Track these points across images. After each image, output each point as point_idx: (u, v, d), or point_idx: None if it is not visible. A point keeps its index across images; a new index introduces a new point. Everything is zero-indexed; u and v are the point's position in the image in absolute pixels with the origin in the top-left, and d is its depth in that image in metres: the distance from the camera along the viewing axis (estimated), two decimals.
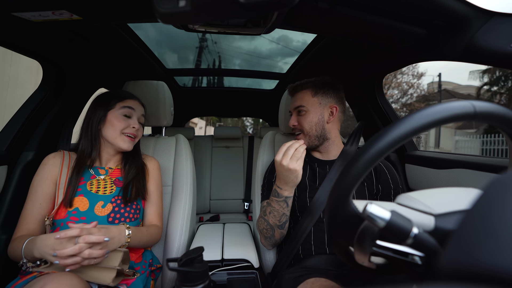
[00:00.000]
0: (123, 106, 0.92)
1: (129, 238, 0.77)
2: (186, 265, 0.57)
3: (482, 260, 0.19)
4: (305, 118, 0.97)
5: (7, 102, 4.34)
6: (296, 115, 1.00)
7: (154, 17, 0.77)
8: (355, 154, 0.36)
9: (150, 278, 0.87)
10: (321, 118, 0.97)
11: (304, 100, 0.97)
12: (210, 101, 2.48)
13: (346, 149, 1.01)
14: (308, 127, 0.97)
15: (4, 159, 0.92)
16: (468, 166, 0.90)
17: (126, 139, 0.91)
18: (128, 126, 0.91)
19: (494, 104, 0.36)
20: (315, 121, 0.97)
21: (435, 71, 32.01)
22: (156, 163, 1.03)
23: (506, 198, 0.21)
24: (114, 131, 0.89)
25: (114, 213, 0.83)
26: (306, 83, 1.00)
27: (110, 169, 0.93)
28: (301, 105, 0.97)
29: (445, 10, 0.64)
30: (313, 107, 0.97)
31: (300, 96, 0.99)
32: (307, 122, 0.97)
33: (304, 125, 0.97)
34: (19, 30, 0.80)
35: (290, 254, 0.91)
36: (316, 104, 0.97)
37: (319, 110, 0.97)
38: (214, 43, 2.18)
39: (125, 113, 0.92)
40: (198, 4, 0.32)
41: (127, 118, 0.92)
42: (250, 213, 2.15)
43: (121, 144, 0.90)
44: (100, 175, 0.90)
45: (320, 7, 0.66)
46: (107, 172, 0.92)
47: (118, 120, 0.90)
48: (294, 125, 1.00)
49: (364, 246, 0.38)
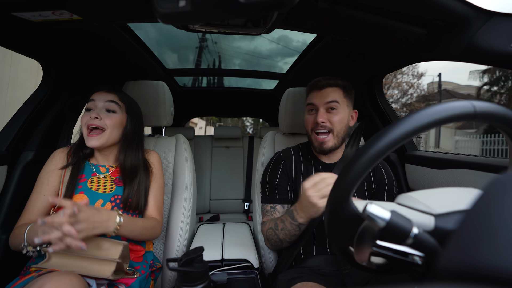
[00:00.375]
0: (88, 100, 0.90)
1: (119, 226, 0.74)
2: (186, 265, 0.57)
3: (482, 260, 0.19)
4: (337, 116, 0.90)
5: (7, 102, 4.34)
6: (326, 112, 0.92)
7: (154, 17, 0.77)
8: (355, 154, 0.36)
9: (150, 279, 0.87)
10: (348, 120, 0.94)
11: (336, 96, 0.91)
12: (210, 101, 2.48)
13: (347, 152, 1.01)
14: (339, 127, 0.91)
15: (4, 159, 0.92)
16: (468, 166, 0.90)
17: (87, 135, 0.86)
18: (88, 118, 0.86)
19: (494, 104, 0.36)
20: (345, 122, 0.93)
21: (435, 71, 31.99)
22: (157, 157, 1.02)
23: (506, 198, 0.21)
24: (82, 127, 0.88)
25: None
26: (337, 79, 0.94)
27: (111, 167, 0.93)
28: (335, 100, 0.90)
29: (445, 10, 0.64)
30: (343, 107, 0.92)
31: (332, 91, 0.92)
32: (339, 121, 0.91)
33: (336, 124, 0.90)
34: (19, 30, 0.80)
35: (291, 255, 0.91)
36: (345, 104, 0.93)
37: (347, 112, 0.94)
38: (214, 43, 2.19)
39: (87, 107, 0.89)
40: (198, 4, 0.32)
41: (88, 112, 0.88)
42: (250, 213, 2.15)
43: (88, 142, 0.86)
44: (101, 173, 0.90)
45: (320, 7, 0.66)
46: (108, 171, 0.92)
47: (82, 116, 0.89)
48: (323, 122, 0.90)
49: (364, 246, 0.38)
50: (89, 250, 0.70)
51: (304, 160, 1.02)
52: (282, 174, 1.00)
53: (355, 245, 0.39)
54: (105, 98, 0.89)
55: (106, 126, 0.87)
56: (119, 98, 0.91)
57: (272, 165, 1.04)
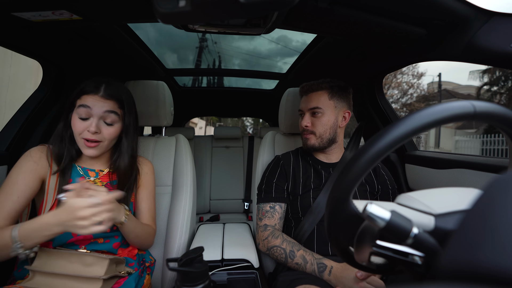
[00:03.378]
0: (79, 104, 0.77)
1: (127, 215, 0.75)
2: (186, 265, 0.57)
3: (482, 260, 0.19)
4: (320, 120, 0.95)
5: (7, 102, 4.34)
6: (310, 116, 0.97)
7: (154, 17, 0.77)
8: (355, 154, 0.36)
9: (145, 273, 0.86)
10: (335, 122, 0.96)
11: (321, 102, 0.95)
12: (210, 101, 2.48)
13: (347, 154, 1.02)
14: (322, 130, 0.95)
15: (4, 159, 0.92)
16: (468, 166, 0.90)
17: (84, 145, 0.77)
18: (84, 130, 0.76)
19: (494, 104, 0.36)
20: (329, 125, 0.96)
21: (435, 71, 32.02)
22: (150, 167, 0.96)
23: (506, 198, 0.21)
24: (75, 136, 0.78)
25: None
26: (322, 83, 0.97)
27: (101, 171, 0.86)
28: (317, 107, 0.95)
29: (445, 10, 0.64)
30: (329, 109, 0.95)
31: (316, 96, 0.96)
32: (322, 125, 0.95)
33: (318, 128, 0.95)
34: (19, 30, 0.80)
35: None
36: (331, 107, 0.96)
37: (334, 114, 0.96)
38: (214, 43, 2.19)
39: (80, 114, 0.76)
40: (198, 4, 0.32)
41: (83, 121, 0.76)
42: (250, 213, 2.15)
43: (84, 151, 0.78)
44: (90, 177, 0.83)
45: (320, 7, 0.66)
46: (98, 175, 0.84)
47: (74, 121, 0.77)
48: (307, 126, 0.97)
49: (364, 246, 0.38)
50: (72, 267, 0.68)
51: (303, 161, 1.03)
52: (280, 174, 1.01)
53: (355, 245, 0.39)
54: (102, 107, 0.77)
55: (104, 139, 0.79)
56: (118, 106, 0.81)
57: (271, 167, 1.06)
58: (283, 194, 0.98)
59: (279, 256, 0.88)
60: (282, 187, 0.99)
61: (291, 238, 0.91)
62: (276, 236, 0.90)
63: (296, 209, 0.96)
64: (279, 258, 0.88)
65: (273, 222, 0.95)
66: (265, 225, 0.95)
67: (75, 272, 0.68)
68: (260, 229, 0.96)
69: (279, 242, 0.89)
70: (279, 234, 0.91)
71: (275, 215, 0.96)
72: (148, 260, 0.92)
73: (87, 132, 0.76)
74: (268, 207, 0.97)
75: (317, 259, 0.82)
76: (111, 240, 0.80)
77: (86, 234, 0.62)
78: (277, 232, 0.92)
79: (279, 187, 0.99)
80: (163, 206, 1.07)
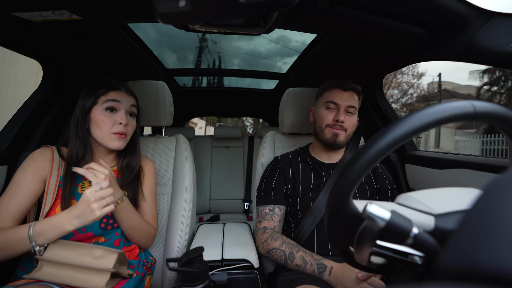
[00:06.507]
0: (106, 99, 0.81)
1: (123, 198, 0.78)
2: (186, 265, 0.57)
3: (482, 260, 0.19)
4: (352, 119, 0.97)
5: (7, 102, 4.34)
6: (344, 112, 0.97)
7: (154, 17, 0.77)
8: (355, 154, 0.36)
9: (146, 274, 0.86)
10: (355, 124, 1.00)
11: (355, 102, 0.98)
12: (210, 101, 2.48)
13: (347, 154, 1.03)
14: (351, 129, 0.98)
15: (4, 159, 0.92)
16: (468, 166, 0.90)
17: (115, 137, 0.81)
18: (115, 123, 0.81)
19: (494, 104, 0.36)
20: (355, 126, 1.00)
21: (435, 71, 32.02)
22: (152, 166, 0.98)
23: (506, 198, 0.21)
24: (101, 131, 0.80)
25: (107, 218, 0.79)
26: (355, 84, 0.99)
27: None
28: (353, 106, 0.97)
29: (445, 10, 0.64)
30: (356, 111, 0.99)
31: (353, 95, 0.98)
32: (352, 124, 0.98)
33: (349, 126, 0.97)
34: (19, 30, 0.80)
35: None
36: (357, 110, 0.99)
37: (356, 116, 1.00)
38: (214, 43, 2.19)
39: (108, 106, 0.81)
40: (198, 4, 0.32)
41: (112, 113, 0.81)
42: (250, 213, 2.15)
43: (110, 144, 0.81)
44: None
45: (320, 7, 0.66)
46: None
47: (102, 117, 0.80)
48: (343, 121, 0.96)
49: (364, 246, 0.38)
50: (82, 259, 0.68)
51: (302, 162, 1.03)
52: (279, 176, 1.00)
53: (355, 245, 0.39)
54: (129, 101, 0.85)
55: (128, 133, 0.84)
56: (137, 102, 0.89)
57: (270, 168, 1.05)
58: (282, 197, 0.98)
59: (279, 258, 0.88)
60: (281, 189, 0.99)
61: (290, 240, 0.90)
62: (275, 238, 0.90)
63: (295, 210, 0.96)
64: (279, 260, 0.88)
65: (272, 225, 0.95)
66: (264, 227, 0.95)
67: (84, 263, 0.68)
68: (259, 231, 0.96)
69: (278, 244, 0.89)
70: (278, 236, 0.91)
71: (274, 218, 0.96)
72: (149, 261, 0.92)
73: (118, 125, 0.81)
74: (267, 210, 0.97)
75: (316, 260, 0.82)
76: (111, 238, 0.81)
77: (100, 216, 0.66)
78: (276, 234, 0.92)
79: (278, 189, 0.99)
80: (163, 206, 1.07)
